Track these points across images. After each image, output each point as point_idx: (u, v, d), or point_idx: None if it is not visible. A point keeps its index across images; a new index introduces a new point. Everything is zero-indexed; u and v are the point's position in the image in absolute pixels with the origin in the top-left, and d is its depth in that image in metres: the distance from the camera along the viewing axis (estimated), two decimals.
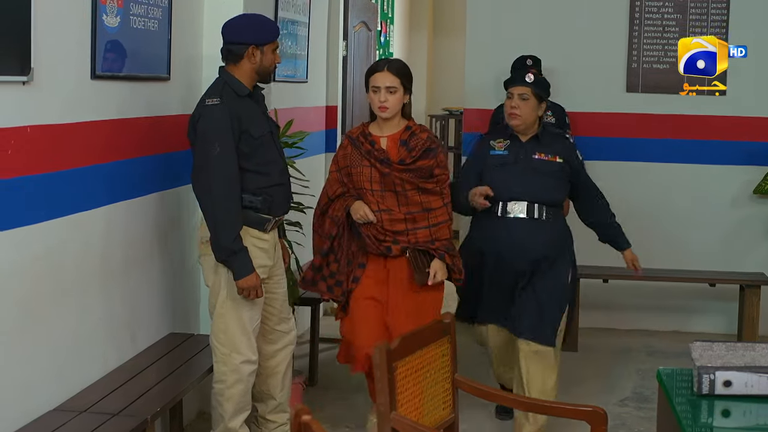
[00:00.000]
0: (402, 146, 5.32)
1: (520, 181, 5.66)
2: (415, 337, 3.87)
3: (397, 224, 5.29)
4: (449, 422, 4.04)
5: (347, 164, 5.36)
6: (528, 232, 5.63)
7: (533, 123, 5.73)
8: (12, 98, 4.06)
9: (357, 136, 5.39)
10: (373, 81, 5.30)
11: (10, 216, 4.05)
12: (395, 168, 5.28)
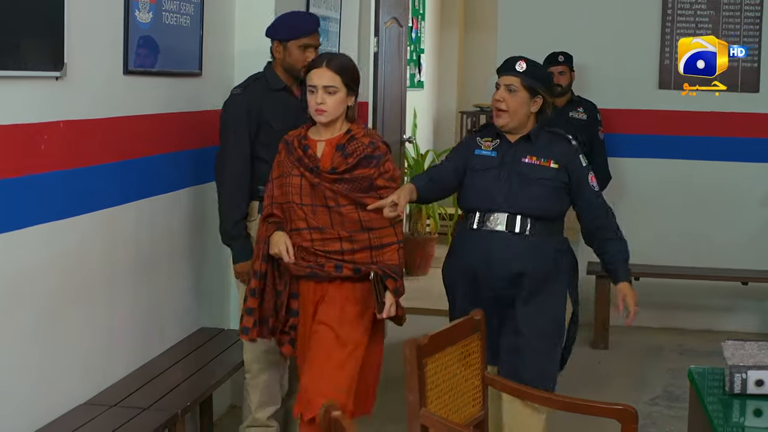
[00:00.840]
0: (338, 152, 4.54)
1: (502, 188, 4.71)
2: (445, 334, 3.86)
3: (330, 244, 4.51)
4: (479, 419, 4.03)
5: (280, 173, 4.61)
6: (504, 249, 4.69)
7: (524, 121, 4.75)
8: (45, 93, 4.07)
9: (292, 140, 4.60)
10: (310, 79, 4.51)
11: (42, 211, 4.07)
12: (325, 177, 4.48)
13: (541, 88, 4.76)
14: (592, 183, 4.79)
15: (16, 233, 3.87)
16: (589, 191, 4.79)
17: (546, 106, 4.78)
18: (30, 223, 3.94)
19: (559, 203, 4.77)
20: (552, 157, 4.73)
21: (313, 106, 4.48)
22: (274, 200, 4.61)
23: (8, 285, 3.87)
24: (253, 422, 5.23)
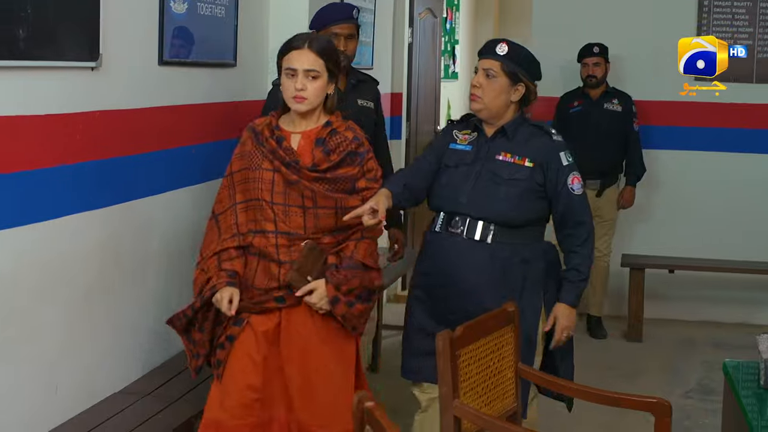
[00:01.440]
0: (318, 147, 4.03)
1: (467, 188, 4.27)
2: (478, 325, 3.85)
3: (296, 252, 4.00)
4: (512, 411, 4.02)
5: (244, 166, 4.05)
6: (463, 258, 4.27)
7: (501, 110, 4.30)
8: (81, 83, 4.09)
9: (261, 130, 4.06)
10: (288, 61, 4.00)
11: (77, 200, 4.09)
12: (305, 175, 3.96)
13: (524, 74, 4.31)
14: (572, 185, 4.27)
15: (52, 222, 3.90)
16: (567, 194, 4.27)
17: (530, 95, 4.34)
18: (65, 213, 3.96)
19: (528, 208, 4.27)
20: (528, 155, 4.25)
21: (291, 92, 3.98)
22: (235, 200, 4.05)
23: (43, 273, 3.89)
24: None
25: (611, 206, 7.83)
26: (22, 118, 3.70)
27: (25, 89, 3.73)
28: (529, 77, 4.33)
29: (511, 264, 4.23)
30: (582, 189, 4.31)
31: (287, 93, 3.99)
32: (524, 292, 4.24)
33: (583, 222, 4.29)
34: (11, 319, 3.72)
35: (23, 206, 3.76)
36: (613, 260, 7.99)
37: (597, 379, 6.41)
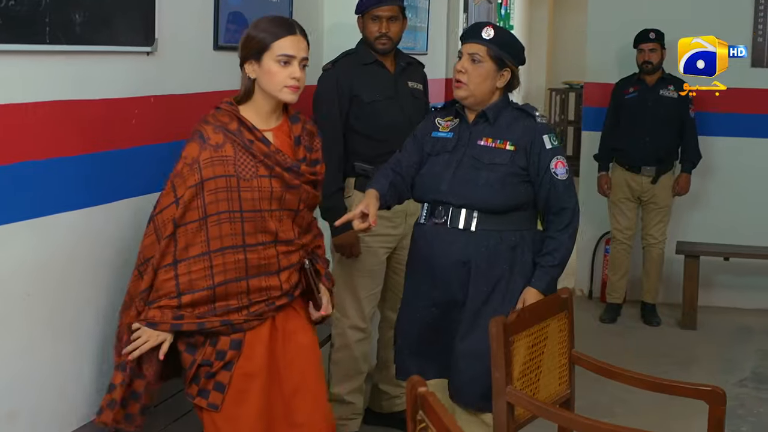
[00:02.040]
0: (299, 146, 3.83)
1: (447, 176, 4.16)
2: (532, 311, 3.85)
3: (293, 256, 3.83)
4: (565, 398, 4.01)
5: (225, 173, 3.63)
6: (444, 247, 4.17)
7: (486, 96, 4.17)
8: (136, 68, 4.11)
9: (237, 129, 3.68)
10: (282, 48, 3.68)
11: (132, 185, 4.11)
12: (306, 178, 3.79)
13: (510, 59, 4.18)
14: (555, 169, 4.11)
15: (108, 206, 3.92)
16: (550, 179, 4.11)
17: (514, 80, 4.22)
18: (120, 197, 3.98)
19: (511, 193, 4.11)
20: (510, 138, 4.13)
21: (285, 81, 3.68)
22: (207, 213, 3.62)
23: (100, 256, 3.91)
24: (331, 397, 5.26)
25: (666, 193, 7.77)
26: (78, 103, 3.73)
27: (82, 74, 3.75)
28: (515, 62, 4.21)
29: (497, 251, 4.11)
30: (567, 174, 4.15)
31: (278, 80, 3.68)
32: (512, 278, 4.14)
33: (566, 208, 4.13)
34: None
35: (84, 189, 3.79)
36: (668, 247, 7.94)
37: (650, 367, 6.39)
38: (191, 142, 3.67)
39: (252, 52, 3.71)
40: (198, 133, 3.68)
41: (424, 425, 2.66)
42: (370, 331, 5.23)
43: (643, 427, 3.36)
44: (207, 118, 3.73)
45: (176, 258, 3.61)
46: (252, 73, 3.74)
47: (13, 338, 3.47)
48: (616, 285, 8.00)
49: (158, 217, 3.64)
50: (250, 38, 3.73)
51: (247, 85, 3.77)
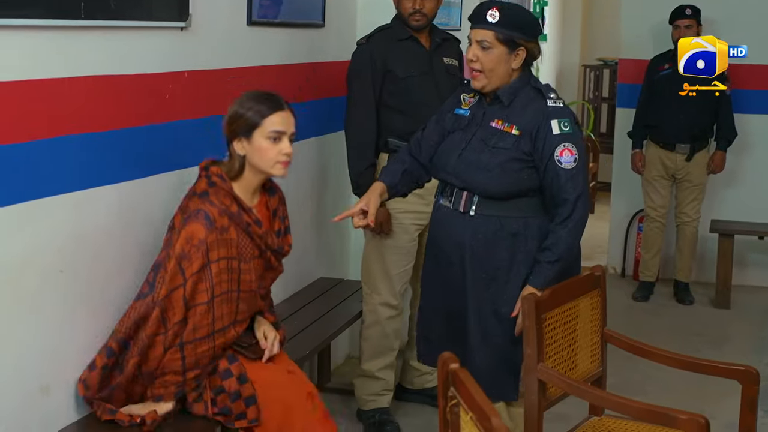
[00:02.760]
0: (276, 219, 3.95)
1: (456, 155, 4.00)
2: (564, 289, 3.84)
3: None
4: (597, 376, 4.01)
5: (228, 255, 3.69)
6: (447, 229, 4.08)
7: (505, 79, 3.96)
8: (170, 44, 4.12)
9: (238, 212, 3.72)
10: (274, 124, 3.74)
11: (166, 159, 4.12)
12: (285, 254, 3.98)
13: (521, 37, 3.92)
14: (559, 157, 3.86)
15: (142, 181, 3.94)
16: (553, 167, 3.87)
17: (534, 54, 4.00)
18: (154, 172, 3.99)
19: (511, 179, 3.91)
20: (517, 122, 3.92)
21: (277, 157, 3.74)
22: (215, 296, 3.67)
23: (133, 231, 3.93)
24: (361, 372, 5.29)
25: (701, 171, 7.73)
26: (113, 78, 3.74)
27: (116, 49, 3.76)
28: (528, 38, 3.95)
29: (496, 238, 3.95)
30: (574, 162, 3.87)
31: (270, 157, 3.73)
32: (512, 267, 3.96)
33: (567, 199, 3.86)
34: None
35: (118, 164, 3.81)
36: (702, 226, 7.89)
37: (683, 346, 6.38)
38: (195, 222, 3.63)
39: (241, 129, 3.74)
40: (203, 213, 3.64)
41: (455, 401, 2.66)
42: (401, 307, 5.23)
43: (675, 406, 3.35)
44: (210, 198, 3.68)
45: (183, 340, 3.64)
46: (242, 150, 3.75)
47: (46, 314, 3.50)
48: (649, 263, 7.97)
49: (166, 301, 3.61)
50: (239, 116, 3.75)
51: (239, 162, 3.77)
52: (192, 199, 3.71)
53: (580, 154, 3.89)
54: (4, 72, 3.21)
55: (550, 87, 4.06)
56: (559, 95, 4.01)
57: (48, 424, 3.55)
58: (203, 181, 3.73)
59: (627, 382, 5.78)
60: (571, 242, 3.91)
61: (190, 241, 3.61)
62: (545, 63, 12.34)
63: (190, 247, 3.60)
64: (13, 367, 3.37)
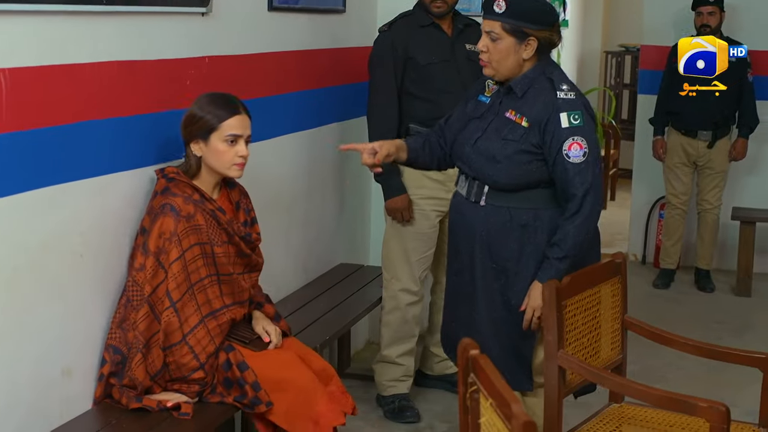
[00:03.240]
0: (240, 210, 4.04)
1: (472, 143, 3.96)
2: (585, 276, 3.83)
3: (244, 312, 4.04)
4: (617, 363, 4.00)
5: (199, 241, 3.76)
6: (459, 218, 4.08)
7: (516, 70, 3.87)
8: (191, 29, 4.13)
9: (201, 200, 3.82)
10: (231, 128, 3.81)
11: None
12: (254, 245, 4.08)
13: (530, 27, 3.82)
14: (568, 151, 3.78)
15: (161, 166, 3.94)
16: (561, 161, 3.79)
17: (551, 42, 3.88)
18: (174, 158, 4.00)
19: (519, 171, 3.85)
20: (527, 114, 3.84)
21: (233, 159, 3.83)
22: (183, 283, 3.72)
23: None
24: (381, 358, 5.29)
25: (723, 158, 7.69)
26: (135, 63, 3.75)
27: (138, 35, 3.77)
28: (538, 27, 3.83)
29: (506, 229, 3.90)
30: (582, 157, 3.79)
31: (226, 159, 3.81)
32: (522, 259, 3.91)
33: (575, 194, 3.78)
34: None
35: (139, 149, 3.83)
36: (724, 213, 7.86)
37: (704, 333, 6.35)
38: (164, 216, 3.69)
39: (199, 132, 3.81)
40: (168, 206, 3.71)
41: (475, 388, 2.66)
42: (421, 294, 5.23)
43: (695, 394, 3.35)
44: (172, 191, 3.76)
45: (184, 333, 3.71)
46: (198, 151, 3.84)
47: (66, 298, 3.52)
48: (670, 250, 7.95)
49: (152, 297, 3.68)
50: (197, 119, 3.82)
51: (195, 162, 3.86)
52: (155, 198, 3.78)
53: (590, 147, 3.81)
54: (27, 57, 3.22)
55: (565, 77, 3.95)
56: (573, 86, 3.90)
57: (70, 407, 3.57)
58: (162, 180, 3.81)
59: (647, 370, 5.77)
60: (579, 239, 3.83)
61: (162, 235, 3.69)
62: (566, 49, 12.30)
63: (163, 241, 3.69)
64: (36, 350, 3.39)
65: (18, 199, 3.24)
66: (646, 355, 5.73)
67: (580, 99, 3.87)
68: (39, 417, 3.43)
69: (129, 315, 3.69)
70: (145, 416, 3.62)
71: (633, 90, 12.10)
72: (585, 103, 3.89)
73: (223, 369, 3.79)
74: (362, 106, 5.19)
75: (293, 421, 3.81)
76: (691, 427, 3.78)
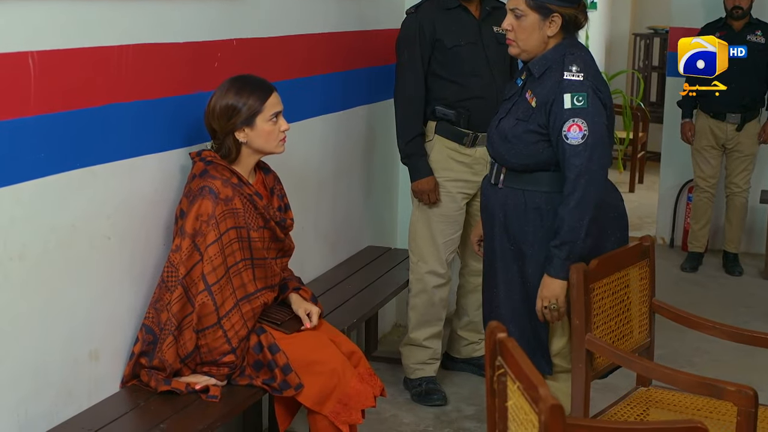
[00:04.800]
0: (274, 196, 4.07)
1: (495, 126, 3.99)
2: (613, 259, 3.82)
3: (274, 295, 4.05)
4: (645, 346, 3.99)
5: (236, 225, 3.79)
6: (485, 200, 4.11)
7: (541, 48, 3.85)
8: (219, 12, 4.13)
9: (239, 184, 3.84)
10: (273, 106, 3.85)
11: None
12: (289, 231, 4.10)
13: (555, 2, 3.78)
14: (567, 132, 3.74)
15: (190, 149, 3.95)
16: (561, 143, 3.75)
17: (576, 20, 3.86)
18: (202, 140, 4.01)
19: (528, 152, 3.86)
20: (537, 94, 3.83)
21: (279, 136, 3.89)
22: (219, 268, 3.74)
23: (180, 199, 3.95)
24: (408, 341, 5.30)
25: (752, 141, 7.64)
26: (162, 46, 3.76)
27: (165, 17, 3.78)
28: (563, 3, 3.80)
29: (521, 212, 3.92)
30: (581, 139, 3.74)
31: (273, 137, 3.87)
32: (536, 243, 3.91)
33: (568, 177, 3.75)
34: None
35: (166, 132, 3.84)
36: (752, 196, 7.82)
37: (732, 317, 6.34)
38: (202, 199, 3.71)
39: (243, 120, 3.82)
40: (207, 188, 3.73)
41: (502, 371, 2.66)
42: (448, 276, 5.23)
43: (723, 378, 3.34)
44: (211, 173, 3.77)
45: (219, 316, 3.72)
46: (244, 138, 3.84)
47: (94, 280, 3.54)
48: (698, 234, 7.91)
49: (186, 279, 3.69)
50: (237, 109, 3.81)
51: (235, 149, 3.86)
52: (193, 181, 3.79)
53: (591, 130, 3.74)
54: (55, 40, 3.23)
55: (581, 59, 3.85)
56: (586, 68, 3.82)
57: (98, 389, 3.59)
58: (200, 164, 3.82)
59: (675, 354, 5.76)
60: (573, 223, 3.76)
61: (200, 218, 3.70)
62: (595, 32, 12.26)
63: (200, 223, 3.70)
64: (63, 332, 3.42)
65: (47, 181, 3.26)
66: (673, 339, 5.71)
67: (589, 81, 3.80)
68: (68, 399, 3.46)
69: (163, 295, 3.71)
70: (173, 398, 3.64)
71: (662, 72, 12.03)
72: (594, 86, 3.81)
73: (254, 351, 3.81)
74: (390, 89, 5.18)
75: (324, 402, 3.83)
76: (719, 411, 3.77)
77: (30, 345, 3.28)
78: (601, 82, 3.88)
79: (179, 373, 3.74)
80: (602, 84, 3.88)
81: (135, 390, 3.68)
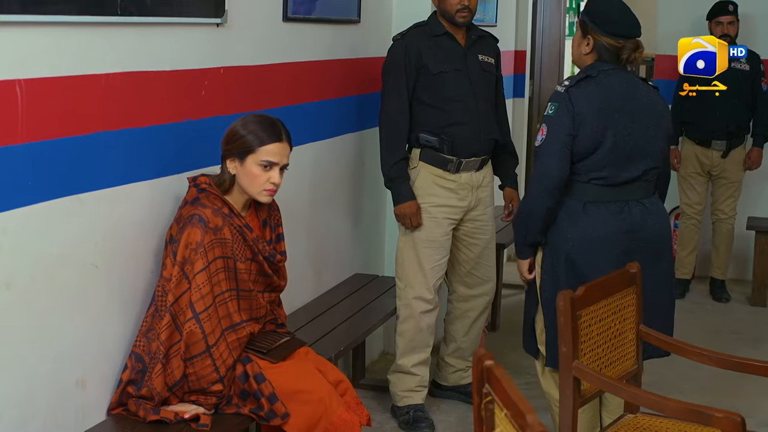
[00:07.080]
0: (266, 227, 4.09)
1: None
2: (600, 286, 3.83)
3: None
4: (632, 373, 3.99)
5: (224, 255, 3.78)
6: None
7: (581, 63, 4.31)
8: (206, 40, 4.14)
9: (230, 214, 3.84)
10: (269, 154, 3.82)
11: (202, 155, 4.13)
12: (277, 267, 4.09)
13: (593, 27, 4.15)
14: (539, 135, 4.16)
15: (177, 177, 3.95)
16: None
17: (603, 51, 4.16)
18: (190, 168, 4.01)
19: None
20: None
21: (264, 185, 3.85)
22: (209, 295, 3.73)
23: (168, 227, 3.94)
24: (396, 368, 5.29)
25: (737, 167, 7.67)
26: (150, 74, 3.76)
27: (153, 46, 3.78)
28: (598, 30, 4.14)
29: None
30: (540, 142, 4.12)
31: (258, 183, 3.84)
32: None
33: (535, 175, 4.19)
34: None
35: (155, 160, 3.84)
36: (739, 223, 7.84)
37: (719, 343, 6.34)
38: (192, 227, 3.71)
39: (237, 150, 3.84)
40: (197, 216, 3.72)
41: (490, 398, 2.66)
42: (435, 302, 5.22)
43: (710, 405, 3.34)
44: (202, 202, 3.78)
45: (208, 344, 3.70)
46: (233, 169, 3.87)
47: (81, 309, 3.53)
48: (685, 260, 7.93)
49: (174, 307, 3.68)
50: (238, 137, 3.84)
51: (229, 178, 3.89)
52: (184, 207, 3.80)
53: (548, 135, 4.09)
54: (43, 68, 3.23)
55: (580, 75, 4.16)
56: (578, 83, 4.11)
57: (84, 418, 3.57)
58: (193, 190, 3.83)
59: (662, 380, 5.76)
60: (517, 220, 4.31)
61: (189, 246, 3.69)
62: None
63: (189, 251, 3.69)
64: (50, 361, 3.40)
65: (34, 209, 3.25)
66: (661, 366, 5.70)
67: (568, 93, 4.08)
68: (55, 428, 3.44)
69: (155, 324, 3.70)
70: (161, 427, 3.62)
71: None
72: (573, 98, 4.07)
73: (240, 381, 3.79)
74: (374, 117, 5.20)
75: (311, 431, 3.82)
76: None
77: (17, 374, 3.26)
78: (586, 96, 4.08)
79: (167, 402, 3.72)
80: (585, 97, 4.07)
81: (122, 419, 3.66)
